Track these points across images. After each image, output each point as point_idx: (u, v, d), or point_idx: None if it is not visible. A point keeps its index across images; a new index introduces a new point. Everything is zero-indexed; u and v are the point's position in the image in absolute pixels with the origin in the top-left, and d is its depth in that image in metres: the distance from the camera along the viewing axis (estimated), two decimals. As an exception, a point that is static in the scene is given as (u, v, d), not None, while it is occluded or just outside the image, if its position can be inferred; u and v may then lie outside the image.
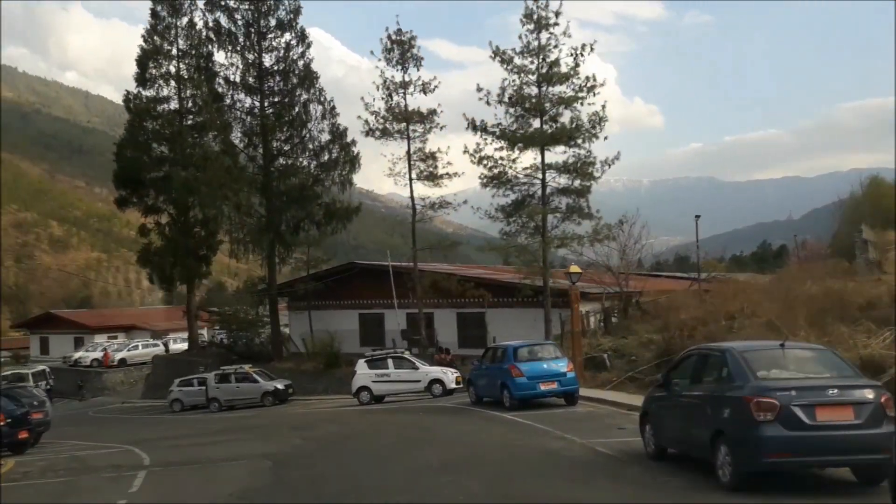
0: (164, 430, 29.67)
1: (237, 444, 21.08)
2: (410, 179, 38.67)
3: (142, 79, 52.47)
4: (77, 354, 63.41)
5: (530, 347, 22.96)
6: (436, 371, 30.74)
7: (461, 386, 30.69)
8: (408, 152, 38.54)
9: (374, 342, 43.80)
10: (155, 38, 52.36)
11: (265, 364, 42.68)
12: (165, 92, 52.94)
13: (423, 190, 42.34)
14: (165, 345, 59.96)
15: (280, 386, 38.62)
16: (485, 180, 36.22)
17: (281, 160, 45.60)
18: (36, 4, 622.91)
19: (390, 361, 30.95)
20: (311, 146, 44.97)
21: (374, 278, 44.61)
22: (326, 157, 44.81)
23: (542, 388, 21.71)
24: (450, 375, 30.42)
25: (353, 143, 44.55)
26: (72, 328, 75.07)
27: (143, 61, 52.43)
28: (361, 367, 31.12)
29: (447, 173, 38.64)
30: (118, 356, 60.46)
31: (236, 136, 45.64)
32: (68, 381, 59.95)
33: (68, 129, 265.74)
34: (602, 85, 33.97)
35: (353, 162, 44.55)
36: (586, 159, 34.80)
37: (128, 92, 52.55)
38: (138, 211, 54.24)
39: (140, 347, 61.90)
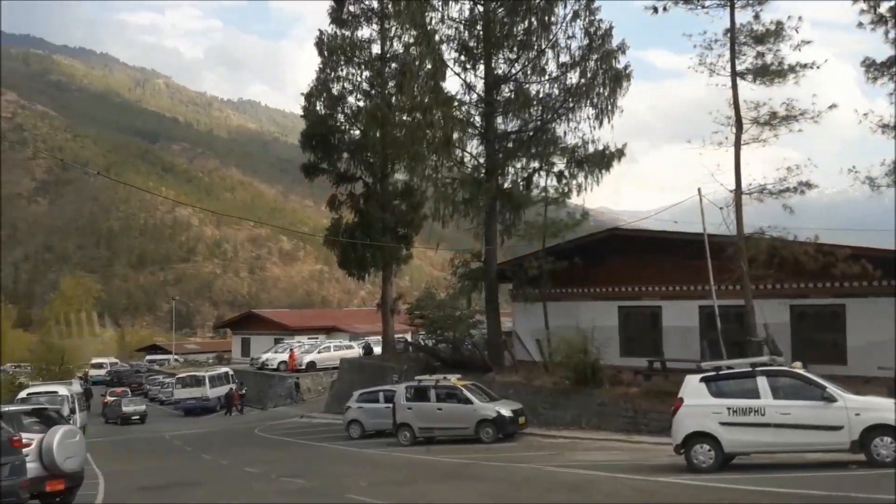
0: None
1: None
2: (733, 72, 20.83)
3: (338, 17, 38.20)
4: (264, 356, 50.25)
5: None
6: (881, 407, 12.43)
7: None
8: (730, 28, 20.80)
9: (645, 348, 26.42)
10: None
11: (479, 376, 26.24)
12: (366, 33, 38.56)
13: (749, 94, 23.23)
14: (367, 348, 45.24)
15: (505, 412, 22.03)
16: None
17: (509, 87, 29.26)
18: (275, 44, 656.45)
19: (764, 384, 13.01)
20: (556, 61, 28.28)
21: (643, 253, 27.09)
22: (576, 78, 27.86)
23: None
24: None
25: (621, 49, 27.22)
26: (272, 329, 62.93)
27: (340, -8, 38.27)
28: (696, 391, 13.46)
29: (798, 63, 20.51)
30: (306, 359, 46.35)
31: (449, 58, 29.61)
32: (257, 386, 46.76)
33: (302, 155, 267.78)
34: None
35: (618, 79, 27.28)
36: None
37: (321, 32, 38.52)
38: (329, 180, 39.93)
39: (332, 349, 47.48)
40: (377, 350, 44.24)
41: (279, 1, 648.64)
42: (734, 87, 20.85)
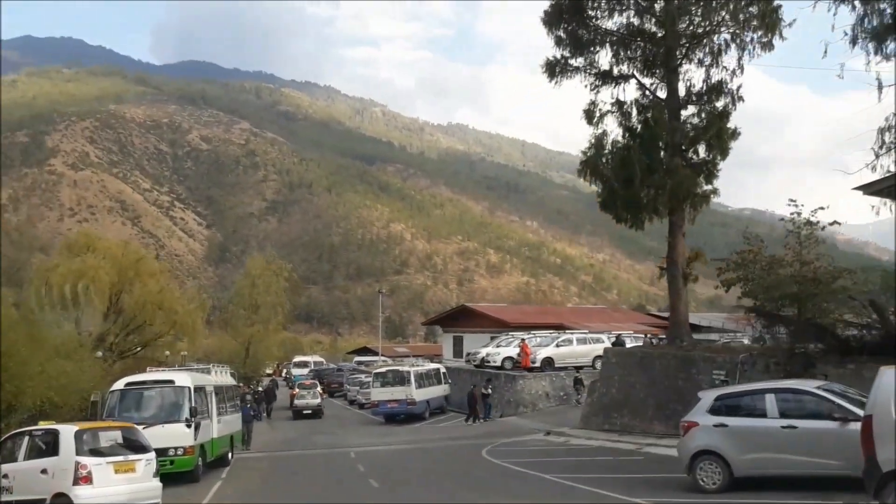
0: None
1: None
2: None
3: None
4: (484, 350, 36.86)
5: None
6: None
7: None
8: None
9: None
10: None
11: None
12: None
13: None
14: (619, 341, 30.62)
15: None
16: None
17: None
18: (480, 70, 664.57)
19: None
20: None
21: None
22: None
23: None
24: None
25: None
26: (488, 325, 49.71)
27: None
28: None
29: None
30: (541, 354, 32.42)
31: None
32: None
33: (506, 173, 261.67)
34: None
35: None
36: None
37: None
38: (584, 84, 25.64)
39: (575, 343, 33.24)
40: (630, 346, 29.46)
41: (486, 10, 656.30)
42: None
